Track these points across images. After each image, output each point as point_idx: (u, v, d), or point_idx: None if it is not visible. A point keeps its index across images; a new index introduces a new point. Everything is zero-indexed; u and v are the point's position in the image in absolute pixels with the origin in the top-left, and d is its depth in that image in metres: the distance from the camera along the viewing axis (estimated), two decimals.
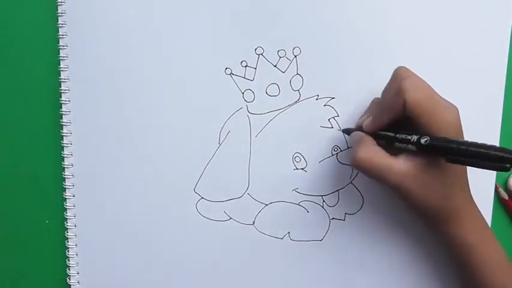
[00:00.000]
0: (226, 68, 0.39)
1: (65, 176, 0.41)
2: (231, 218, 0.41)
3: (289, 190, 0.40)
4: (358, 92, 0.39)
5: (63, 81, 0.40)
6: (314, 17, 0.38)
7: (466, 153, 0.28)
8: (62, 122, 0.40)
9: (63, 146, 0.41)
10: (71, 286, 0.42)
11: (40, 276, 0.43)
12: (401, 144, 0.32)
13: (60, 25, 0.39)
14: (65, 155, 0.41)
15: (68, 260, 0.42)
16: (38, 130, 0.41)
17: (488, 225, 0.36)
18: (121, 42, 0.39)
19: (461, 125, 0.32)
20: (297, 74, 0.39)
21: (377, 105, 0.36)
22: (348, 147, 0.39)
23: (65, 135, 0.40)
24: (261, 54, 0.39)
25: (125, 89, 0.40)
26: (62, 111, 0.40)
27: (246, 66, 0.39)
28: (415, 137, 0.31)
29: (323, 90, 0.39)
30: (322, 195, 0.40)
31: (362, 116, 0.37)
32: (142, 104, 0.40)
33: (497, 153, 0.27)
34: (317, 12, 0.38)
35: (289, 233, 0.41)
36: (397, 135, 0.32)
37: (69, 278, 0.42)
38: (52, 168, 0.41)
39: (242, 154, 0.40)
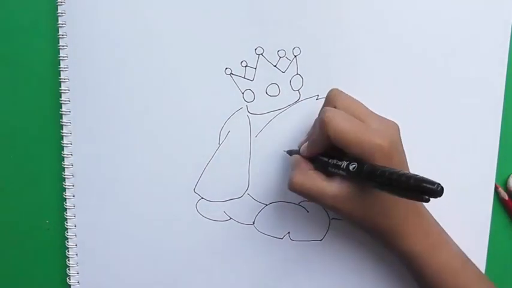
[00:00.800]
0: (226, 68, 0.39)
1: (65, 176, 0.41)
2: (231, 218, 0.41)
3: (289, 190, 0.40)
4: (358, 92, 0.39)
5: (63, 81, 0.40)
6: (314, 17, 0.38)
7: (389, 182, 0.28)
8: (62, 122, 0.40)
9: (63, 146, 0.41)
10: (71, 286, 0.42)
11: (40, 276, 0.43)
12: (333, 169, 0.33)
13: (60, 25, 0.39)
14: (65, 155, 0.41)
15: (68, 260, 0.42)
16: (38, 130, 0.41)
17: (440, 230, 0.36)
18: (121, 42, 0.39)
19: (395, 146, 0.32)
20: (297, 74, 0.39)
21: (314, 129, 0.36)
22: None
23: (65, 135, 0.40)
24: (261, 54, 0.39)
25: (125, 89, 0.40)
26: (62, 111, 0.40)
27: (246, 66, 0.39)
28: (345, 163, 0.32)
29: (323, 90, 0.39)
30: None
31: (303, 138, 0.38)
32: (142, 104, 0.40)
33: (417, 183, 0.26)
34: (317, 12, 0.38)
35: (289, 233, 0.41)
36: (330, 161, 0.33)
37: (69, 278, 0.42)
38: (52, 168, 0.41)
39: (242, 154, 0.40)
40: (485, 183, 0.39)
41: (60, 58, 0.40)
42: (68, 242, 0.42)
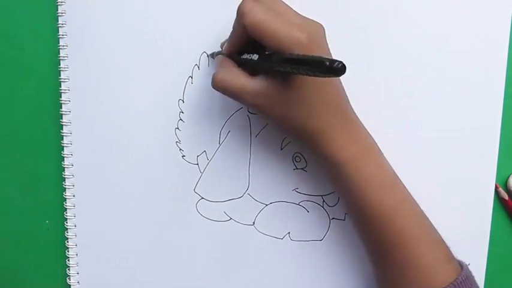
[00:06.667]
0: None
1: (65, 176, 0.41)
2: (231, 218, 0.41)
3: (289, 190, 0.40)
4: (358, 91, 0.39)
5: (63, 81, 0.40)
6: (314, 17, 0.38)
7: (297, 62, 0.27)
8: (62, 122, 0.40)
9: (63, 146, 0.41)
10: (71, 286, 0.42)
11: (40, 276, 0.43)
12: (247, 57, 0.32)
13: (60, 25, 0.39)
14: (65, 155, 0.41)
15: (68, 260, 0.42)
16: (38, 130, 0.41)
17: (370, 142, 0.34)
18: (121, 42, 0.39)
19: (316, 42, 0.31)
20: None
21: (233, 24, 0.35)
22: None
23: (65, 135, 0.40)
24: None
25: (125, 89, 0.40)
26: (62, 111, 0.40)
27: None
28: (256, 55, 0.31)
29: None
30: (322, 195, 0.40)
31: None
32: (142, 104, 0.40)
33: (319, 59, 0.26)
34: (317, 12, 0.38)
35: (289, 233, 0.41)
36: (247, 55, 0.33)
37: (69, 278, 0.42)
38: (52, 168, 0.41)
39: (242, 154, 0.40)
40: (485, 183, 0.39)
41: (60, 58, 0.40)
42: (68, 242, 0.42)
